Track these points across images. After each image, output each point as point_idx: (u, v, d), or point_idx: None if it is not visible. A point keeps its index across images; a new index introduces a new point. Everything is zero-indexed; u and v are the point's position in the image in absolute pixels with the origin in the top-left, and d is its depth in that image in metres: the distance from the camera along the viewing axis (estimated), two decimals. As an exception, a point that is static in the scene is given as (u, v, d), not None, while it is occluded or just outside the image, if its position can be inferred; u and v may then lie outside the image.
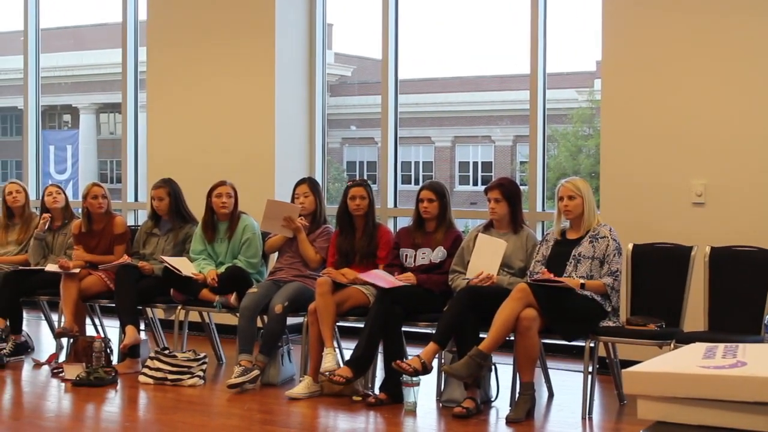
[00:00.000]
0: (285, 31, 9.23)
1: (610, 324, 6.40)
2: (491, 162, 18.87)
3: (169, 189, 8.00)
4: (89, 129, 22.13)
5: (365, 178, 11.24)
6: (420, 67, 16.30)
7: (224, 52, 9.40)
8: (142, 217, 9.74)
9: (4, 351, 7.92)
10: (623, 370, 2.91)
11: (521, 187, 7.10)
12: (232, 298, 7.47)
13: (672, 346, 6.12)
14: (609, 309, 6.40)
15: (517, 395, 6.39)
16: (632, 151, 7.55)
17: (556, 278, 6.31)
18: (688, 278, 6.56)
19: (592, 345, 6.34)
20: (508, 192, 6.84)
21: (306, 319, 7.08)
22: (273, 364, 7.23)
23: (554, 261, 6.55)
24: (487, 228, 6.90)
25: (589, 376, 6.31)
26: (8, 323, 8.06)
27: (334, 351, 6.89)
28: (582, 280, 6.36)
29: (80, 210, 8.38)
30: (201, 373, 7.27)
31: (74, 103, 22.23)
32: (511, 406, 6.39)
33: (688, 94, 7.39)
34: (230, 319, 7.64)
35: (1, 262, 8.44)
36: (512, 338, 6.32)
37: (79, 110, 22.30)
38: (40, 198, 8.77)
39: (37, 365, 7.95)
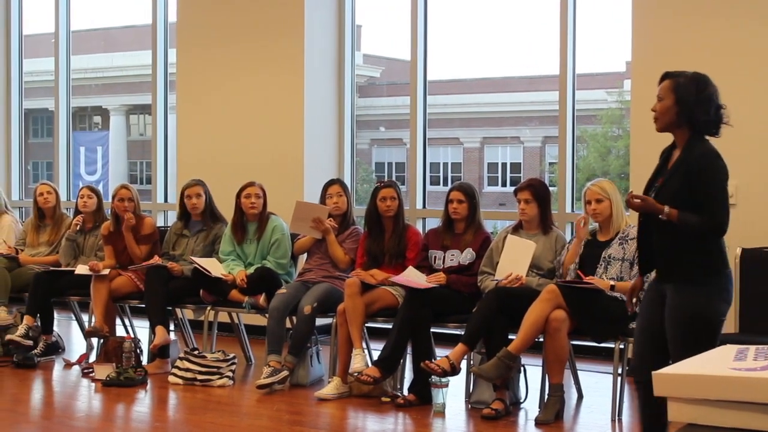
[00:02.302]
0: (314, 33, 9.24)
1: (640, 325, 6.37)
2: (520, 163, 18.83)
3: (205, 187, 8.04)
4: (119, 130, 22.23)
5: (393, 179, 11.23)
6: (449, 68, 16.30)
7: (253, 53, 9.42)
8: (172, 217, 9.77)
9: (36, 351, 7.97)
10: (653, 372, 2.90)
11: (550, 188, 7.09)
12: (261, 298, 7.48)
13: (702, 347, 6.08)
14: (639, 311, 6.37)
15: (546, 397, 6.38)
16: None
17: (586, 279, 6.29)
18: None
19: (621, 346, 6.31)
20: (538, 193, 6.83)
21: (335, 320, 7.08)
22: (302, 365, 7.24)
23: (585, 263, 6.53)
24: (517, 229, 6.89)
25: (619, 378, 6.28)
26: (39, 323, 8.10)
27: (363, 352, 6.90)
28: (612, 282, 6.33)
29: (110, 211, 8.42)
30: (230, 374, 7.29)
31: (104, 104, 22.34)
32: (540, 407, 6.38)
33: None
34: (259, 320, 7.66)
35: (32, 263, 8.49)
36: (541, 339, 6.30)
37: (109, 112, 22.41)
38: (73, 199, 8.81)
39: (68, 365, 7.99)
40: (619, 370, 6.28)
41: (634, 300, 5.02)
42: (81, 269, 8.06)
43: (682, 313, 4.55)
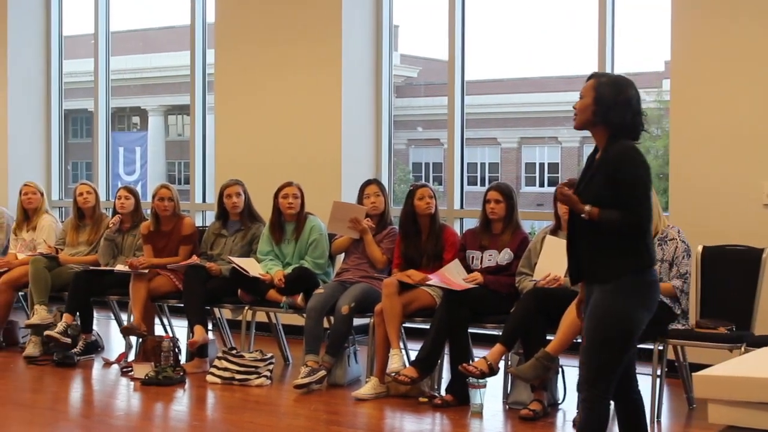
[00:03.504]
0: (351, 33, 9.25)
1: (680, 327, 6.33)
2: (558, 163, 18.74)
3: (243, 187, 8.08)
4: (158, 131, 22.32)
5: (430, 179, 11.22)
6: (486, 68, 16.24)
7: (291, 53, 9.44)
8: (210, 218, 9.80)
9: (75, 350, 8.03)
10: (694, 374, 2.89)
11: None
12: (299, 298, 7.50)
13: (743, 349, 6.05)
14: (678, 312, 6.34)
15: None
16: (701, 152, 7.47)
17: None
18: (759, 280, 6.47)
19: (660, 348, 6.28)
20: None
21: (372, 320, 7.09)
22: (339, 365, 7.24)
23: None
24: (555, 230, 6.85)
25: (658, 380, 6.25)
26: (78, 322, 8.15)
27: (401, 352, 6.90)
28: (651, 283, 6.29)
29: (149, 211, 8.46)
30: (268, 374, 7.31)
31: (143, 105, 22.44)
32: (578, 408, 6.33)
33: (758, 94, 7.29)
34: (297, 320, 7.67)
35: (71, 262, 8.54)
36: (579, 340, 6.26)
37: (148, 112, 22.51)
38: (112, 199, 8.87)
39: (107, 364, 8.04)
40: (658, 372, 6.24)
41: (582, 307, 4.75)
42: (120, 267, 8.11)
43: (598, 312, 4.45)
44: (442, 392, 6.84)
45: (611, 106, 4.48)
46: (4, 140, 11.38)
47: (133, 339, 8.33)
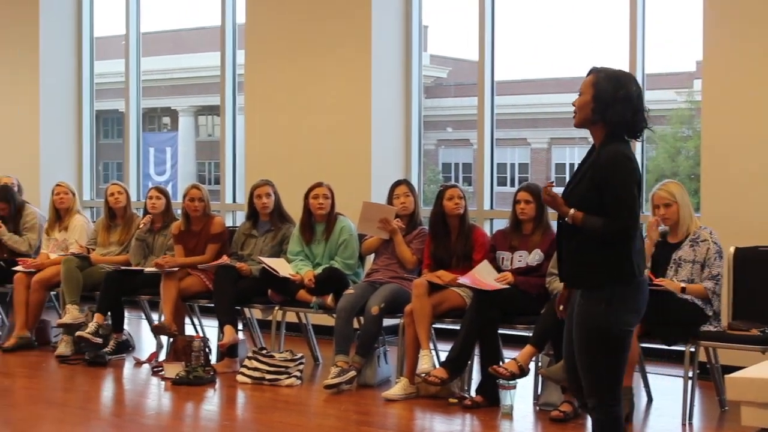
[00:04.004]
0: (381, 34, 9.25)
1: (711, 328, 6.30)
2: (588, 163, 18.63)
3: (273, 188, 8.09)
4: (188, 131, 22.41)
5: (460, 180, 11.21)
6: (516, 69, 16.21)
7: (321, 54, 9.45)
8: (240, 218, 9.83)
9: (107, 349, 8.07)
10: (726, 376, 2.87)
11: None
12: (329, 299, 7.50)
13: (776, 351, 6.00)
14: (710, 313, 6.30)
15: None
16: (734, 153, 7.42)
17: (656, 281, 6.23)
18: (792, 282, 6.43)
19: (692, 349, 6.24)
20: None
21: (402, 321, 7.08)
22: (369, 365, 7.24)
23: (654, 265, 6.48)
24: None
25: (690, 382, 6.21)
26: (110, 321, 8.20)
27: (431, 353, 6.90)
28: (682, 284, 6.27)
29: (180, 210, 8.50)
30: (298, 374, 7.32)
31: (173, 105, 22.53)
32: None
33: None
34: (327, 320, 7.68)
35: (103, 262, 8.58)
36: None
37: (178, 113, 22.60)
38: (143, 199, 8.92)
39: (138, 364, 8.08)
40: (690, 374, 6.21)
41: (561, 308, 4.64)
42: (150, 269, 8.15)
43: (584, 322, 4.32)
44: (472, 393, 6.83)
45: (610, 103, 4.31)
46: (37, 141, 11.45)
47: (163, 338, 8.37)
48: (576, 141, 18.61)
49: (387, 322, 7.34)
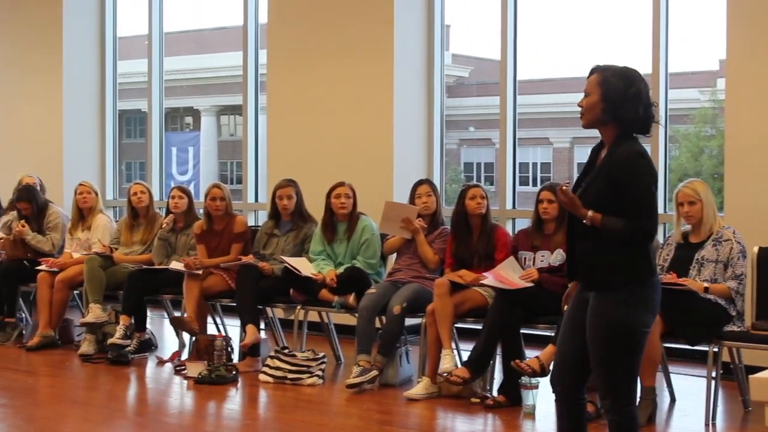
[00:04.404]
0: (404, 33, 9.24)
1: (735, 328, 6.27)
2: (611, 163, 18.58)
3: (296, 188, 8.10)
4: (210, 131, 22.48)
5: (482, 179, 11.20)
6: (539, 68, 16.19)
7: (343, 54, 9.46)
8: (263, 217, 9.86)
9: (129, 348, 8.10)
10: (750, 376, 2.85)
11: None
12: (351, 298, 7.51)
13: (800, 351, 5.97)
14: (733, 313, 6.27)
15: (638, 400, 6.29)
16: (757, 152, 7.38)
17: (679, 281, 6.21)
18: (817, 282, 6.40)
19: (715, 350, 6.21)
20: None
21: (424, 320, 7.08)
22: (391, 365, 7.24)
23: (677, 265, 6.45)
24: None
25: (713, 382, 6.18)
26: (133, 321, 8.23)
27: (453, 352, 6.89)
28: (706, 284, 6.24)
29: (203, 210, 8.52)
30: (320, 373, 7.33)
31: (196, 105, 22.61)
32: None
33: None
34: (349, 320, 7.68)
35: (126, 262, 8.61)
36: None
37: (201, 112, 22.68)
38: (166, 199, 8.94)
39: (161, 362, 8.10)
40: (713, 374, 6.18)
41: (566, 307, 4.60)
42: (175, 264, 8.17)
43: (601, 323, 4.25)
44: (494, 393, 6.82)
45: (622, 102, 4.25)
46: (60, 141, 11.51)
47: (186, 337, 8.38)
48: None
49: (409, 321, 7.34)
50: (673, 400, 6.82)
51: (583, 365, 4.39)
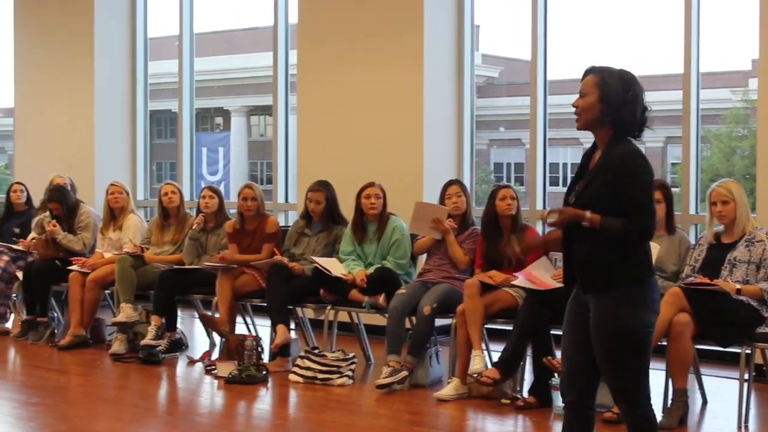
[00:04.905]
0: (433, 33, 9.23)
1: (767, 330, 6.22)
2: (641, 163, 18.50)
3: (327, 193, 8.08)
4: (240, 131, 22.56)
5: (512, 180, 11.18)
6: (569, 68, 16.14)
7: (373, 54, 9.45)
8: (293, 217, 9.87)
9: (160, 348, 8.13)
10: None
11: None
12: (381, 298, 7.50)
13: (833, 354, 5.92)
14: (766, 315, 6.23)
15: (669, 401, 6.27)
16: (791, 152, 7.33)
17: (711, 282, 6.17)
18: None
19: (748, 351, 6.16)
20: (668, 193, 6.73)
21: (454, 321, 7.07)
22: (421, 366, 7.24)
23: (709, 265, 6.41)
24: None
25: (745, 384, 6.14)
26: (164, 321, 8.26)
27: (483, 353, 6.88)
28: (738, 285, 6.20)
29: (234, 210, 8.54)
30: (350, 373, 7.33)
31: (226, 105, 22.68)
32: (663, 412, 6.26)
33: None
34: (379, 320, 7.68)
35: (156, 261, 8.65)
36: (664, 343, 6.20)
37: (231, 113, 22.75)
38: (196, 199, 8.97)
39: (191, 362, 8.13)
40: (746, 376, 6.14)
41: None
42: (208, 262, 8.18)
43: (606, 327, 4.20)
44: (525, 394, 6.80)
45: (621, 105, 4.23)
46: (91, 141, 11.57)
47: (216, 337, 8.41)
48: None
49: (439, 322, 7.33)
50: (704, 402, 6.78)
51: (591, 371, 4.35)
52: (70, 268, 8.82)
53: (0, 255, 9.38)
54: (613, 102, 4.23)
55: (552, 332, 6.78)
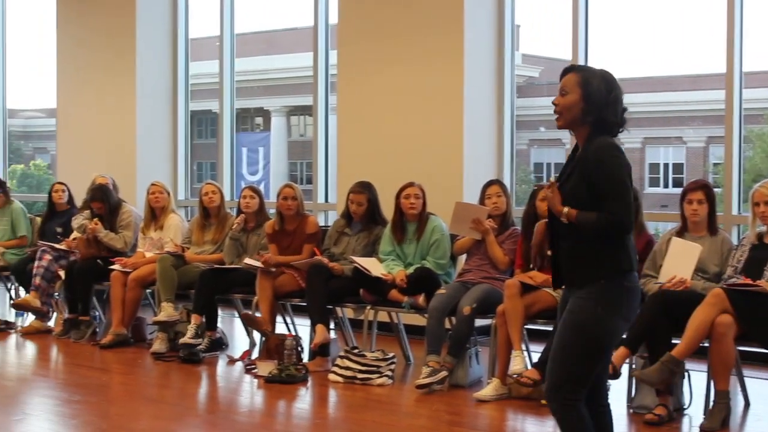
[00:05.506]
0: (474, 33, 9.21)
1: (811, 332, 6.16)
2: (683, 164, 18.45)
3: (369, 195, 8.08)
4: (280, 131, 22.60)
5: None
6: (610, 67, 16.06)
7: (413, 54, 9.44)
8: (332, 217, 9.88)
9: (200, 347, 8.16)
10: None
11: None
12: (421, 299, 7.50)
13: None
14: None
15: (711, 403, 6.22)
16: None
17: (754, 282, 6.12)
18: None
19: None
20: (710, 194, 6.68)
21: (494, 321, 7.05)
22: (461, 366, 7.23)
23: (751, 266, 6.36)
24: (682, 231, 6.73)
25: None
26: (204, 320, 8.30)
27: (523, 354, 6.86)
28: (781, 286, 6.14)
29: (274, 210, 8.57)
30: (390, 373, 7.33)
31: (266, 105, 22.73)
32: (705, 414, 6.22)
33: None
34: (419, 320, 7.68)
35: (197, 261, 8.69)
36: (706, 344, 6.15)
37: (271, 113, 22.80)
38: (236, 199, 9.00)
39: (231, 361, 8.16)
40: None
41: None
42: (249, 261, 8.21)
43: (569, 320, 4.18)
44: (565, 395, 6.76)
45: (604, 105, 4.20)
46: (133, 141, 11.64)
47: (256, 337, 8.44)
48: (670, 141, 18.38)
49: (479, 322, 7.32)
50: (747, 404, 6.71)
51: None
52: (112, 267, 8.88)
53: (43, 254, 9.45)
54: (596, 102, 4.21)
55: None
